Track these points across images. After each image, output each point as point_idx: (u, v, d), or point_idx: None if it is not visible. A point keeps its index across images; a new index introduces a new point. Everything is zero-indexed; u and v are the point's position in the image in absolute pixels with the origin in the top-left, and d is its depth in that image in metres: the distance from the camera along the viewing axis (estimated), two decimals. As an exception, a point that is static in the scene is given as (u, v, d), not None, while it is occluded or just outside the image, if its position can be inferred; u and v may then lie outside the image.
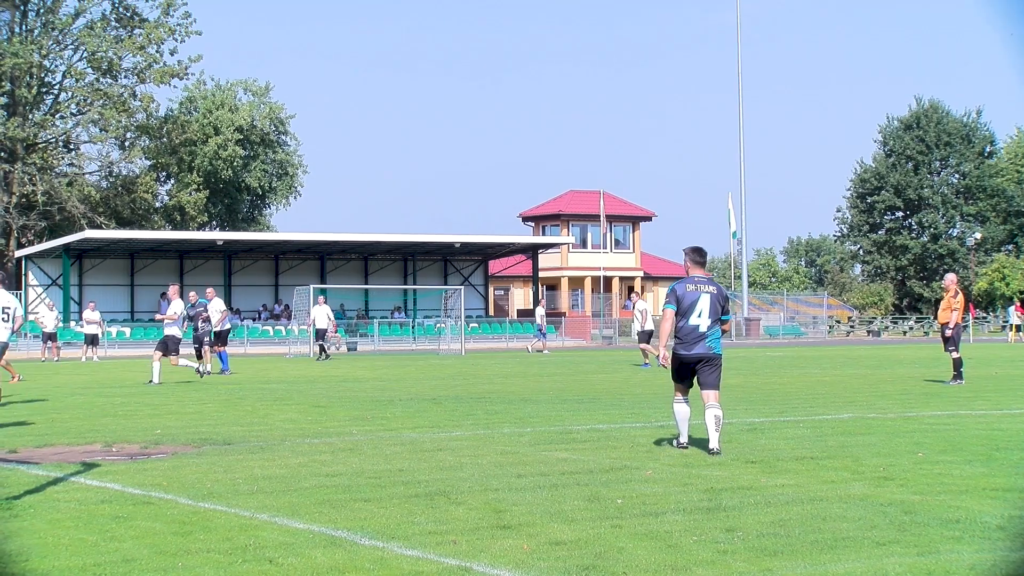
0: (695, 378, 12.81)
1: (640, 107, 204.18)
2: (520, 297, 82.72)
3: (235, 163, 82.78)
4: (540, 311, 51.05)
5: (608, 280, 79.98)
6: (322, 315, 41.54)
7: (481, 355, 47.16)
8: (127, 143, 73.58)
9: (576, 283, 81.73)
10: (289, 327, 56.34)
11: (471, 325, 62.31)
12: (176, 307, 26.19)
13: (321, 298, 42.80)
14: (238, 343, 57.23)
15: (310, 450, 12.92)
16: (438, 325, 58.70)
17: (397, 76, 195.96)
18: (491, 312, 72.95)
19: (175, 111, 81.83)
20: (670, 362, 12.88)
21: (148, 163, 76.62)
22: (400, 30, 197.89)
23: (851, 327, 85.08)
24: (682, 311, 12.64)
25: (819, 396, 20.76)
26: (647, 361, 33.69)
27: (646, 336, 34.84)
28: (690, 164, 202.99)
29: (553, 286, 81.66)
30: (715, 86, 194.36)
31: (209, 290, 33.33)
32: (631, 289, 73.65)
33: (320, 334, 41.60)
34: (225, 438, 14.17)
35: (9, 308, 17.93)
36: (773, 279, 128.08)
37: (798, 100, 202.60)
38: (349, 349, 55.21)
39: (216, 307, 32.37)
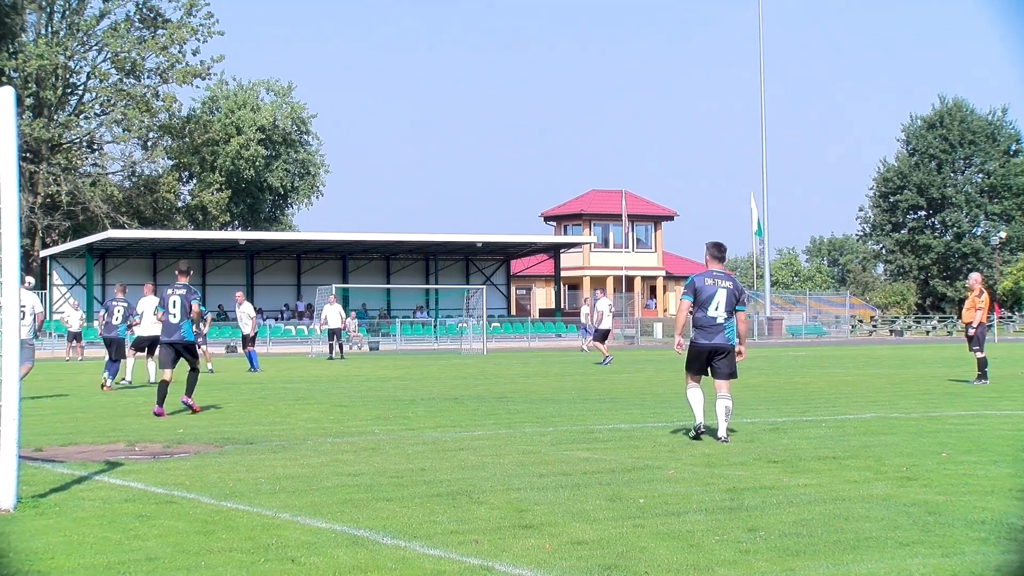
0: (708, 367, 13.54)
1: (662, 106, 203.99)
2: (542, 297, 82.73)
3: (257, 163, 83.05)
4: (586, 309, 50.87)
5: (630, 280, 79.91)
6: (334, 314, 41.59)
7: (503, 354, 47.15)
8: (150, 143, 73.91)
9: (598, 283, 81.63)
10: (312, 326, 56.46)
11: (493, 325, 62.30)
12: (146, 305, 25.47)
13: (331, 297, 42.79)
14: (260, 343, 57.39)
15: (332, 449, 12.95)
16: (460, 325, 58.74)
17: (419, 75, 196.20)
18: (513, 312, 72.96)
19: (197, 111, 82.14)
20: (685, 350, 13.61)
21: (170, 163, 76.96)
22: (422, 30, 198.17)
23: (873, 327, 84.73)
24: (699, 303, 13.45)
25: (841, 396, 20.68)
26: (609, 356, 35.32)
27: (602, 335, 36.00)
28: (712, 163, 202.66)
29: (575, 286, 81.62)
30: (737, 85, 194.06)
31: (238, 293, 33.61)
32: (644, 289, 73.61)
33: (333, 333, 41.62)
34: (247, 437, 14.21)
35: (25, 306, 17.88)
36: (795, 278, 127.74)
37: (820, 99, 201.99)
38: (371, 348, 55.30)
39: (247, 312, 32.62)
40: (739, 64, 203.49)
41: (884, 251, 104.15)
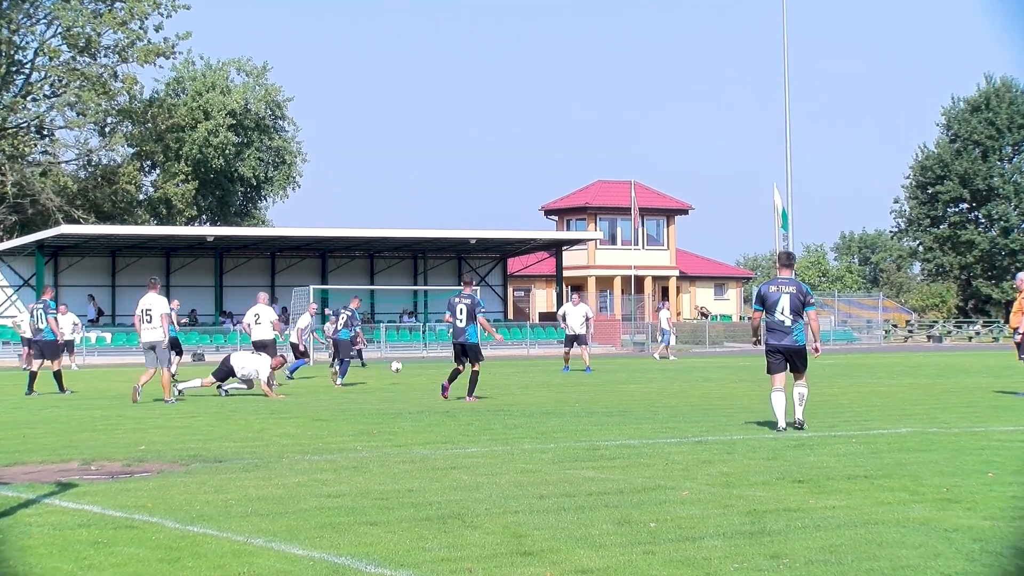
0: (787, 366, 16.52)
1: (675, 90, 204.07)
2: (542, 299, 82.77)
3: (227, 151, 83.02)
4: (665, 314, 51.37)
5: (640, 280, 79.91)
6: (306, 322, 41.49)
7: (499, 363, 47.15)
8: (107, 129, 73.87)
9: (605, 283, 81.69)
10: (287, 332, 56.47)
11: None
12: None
13: (313, 306, 42.70)
14: (229, 348, 57.40)
15: (310, 468, 12.94)
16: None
17: (406, 55, 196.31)
18: (510, 315, 72.96)
19: (161, 94, 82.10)
20: (759, 345, 17.42)
21: (131, 151, 76.89)
22: (407, 4, 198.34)
23: (910, 332, 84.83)
24: (767, 308, 16.62)
25: (874, 408, 20.69)
26: (567, 365, 36.91)
27: (571, 341, 37.39)
28: (731, 152, 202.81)
29: (579, 286, 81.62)
30: (758, 66, 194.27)
31: (261, 294, 33.82)
32: (661, 293, 73.63)
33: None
34: (216, 455, 14.20)
35: None
36: (823, 279, 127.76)
37: (850, 79, 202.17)
38: (353, 357, 55.27)
39: (268, 315, 32.96)
40: (760, 43, 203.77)
41: (921, 248, 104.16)
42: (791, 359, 16.52)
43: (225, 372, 26.42)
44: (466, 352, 23.47)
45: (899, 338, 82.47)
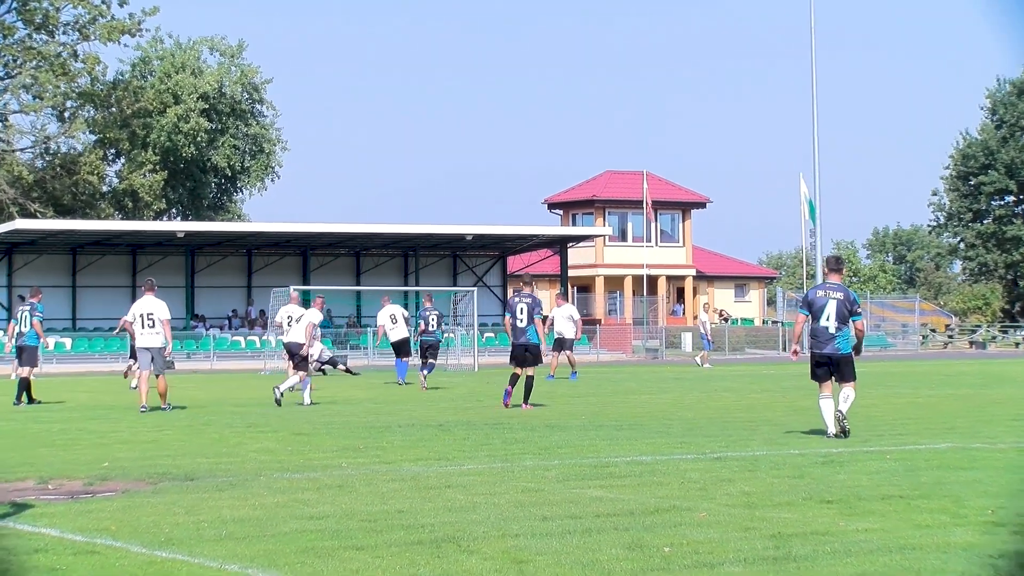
0: (832, 375, 17.69)
1: (690, 71, 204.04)
2: (546, 300, 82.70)
3: (199, 138, 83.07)
4: (704, 317, 51.66)
5: (653, 280, 79.92)
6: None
7: (498, 371, 47.13)
8: (67, 114, 73.84)
9: (614, 283, 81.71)
10: (265, 337, 56.45)
11: (486, 335, 62.27)
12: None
13: (319, 299, 42.68)
14: (202, 356, 57.46)
15: (290, 487, 12.94)
16: (446, 335, 58.70)
17: (396, 34, 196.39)
18: (510, 319, 72.94)
19: (126, 75, 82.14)
20: (797, 358, 18.87)
21: (93, 138, 76.88)
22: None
23: (949, 337, 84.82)
24: (812, 314, 17.69)
25: (910, 421, 20.69)
26: (552, 373, 37.62)
27: (561, 344, 38.41)
28: (752, 140, 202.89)
29: (585, 287, 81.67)
30: (782, 46, 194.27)
31: (293, 293, 34.31)
32: (685, 292, 73.57)
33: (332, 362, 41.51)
34: (187, 472, 14.20)
35: None
36: (854, 279, 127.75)
37: (883, 59, 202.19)
38: (335, 364, 55.25)
39: (313, 317, 33.88)
40: (783, 22, 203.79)
41: (963, 245, 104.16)
42: (835, 367, 17.65)
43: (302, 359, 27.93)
44: (529, 353, 24.63)
45: (938, 344, 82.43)
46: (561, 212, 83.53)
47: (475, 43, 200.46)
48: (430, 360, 34.49)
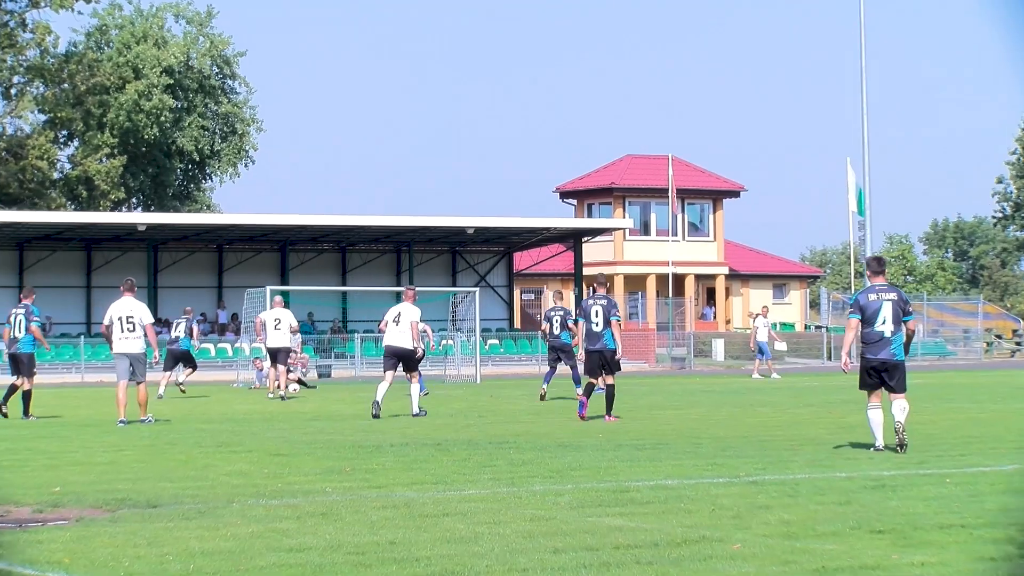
0: (883, 384, 18.59)
1: (721, 44, 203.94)
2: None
3: (163, 118, 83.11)
4: (762, 321, 51.64)
5: (679, 279, 79.91)
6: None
7: (504, 383, 47.17)
8: (13, 91, 73.89)
9: (635, 283, 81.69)
10: (238, 344, 56.47)
11: (490, 342, 62.26)
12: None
13: (278, 299, 42.77)
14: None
15: (267, 515, 12.95)
16: (444, 342, 58.72)
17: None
18: (517, 323, 72.98)
19: (80, 47, 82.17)
20: (850, 368, 19.11)
21: (43, 118, 76.91)
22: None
23: (1018, 344, 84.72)
24: (866, 319, 18.60)
25: (972, 440, 20.67)
26: (576, 390, 37.52)
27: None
28: (793, 122, 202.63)
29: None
30: (827, 17, 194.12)
31: (278, 298, 35.12)
32: (708, 292, 73.42)
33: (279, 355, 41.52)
34: (149, 498, 14.20)
35: None
36: (909, 278, 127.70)
37: (941, 30, 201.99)
38: (320, 375, 55.34)
39: (287, 318, 37.01)
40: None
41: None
42: (887, 376, 18.59)
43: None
44: (604, 361, 25.55)
45: (1004, 352, 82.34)
46: (575, 202, 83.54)
47: (474, 8, 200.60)
48: (560, 366, 34.58)
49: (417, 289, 31.71)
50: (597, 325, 25.62)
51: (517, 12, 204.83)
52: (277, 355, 36.77)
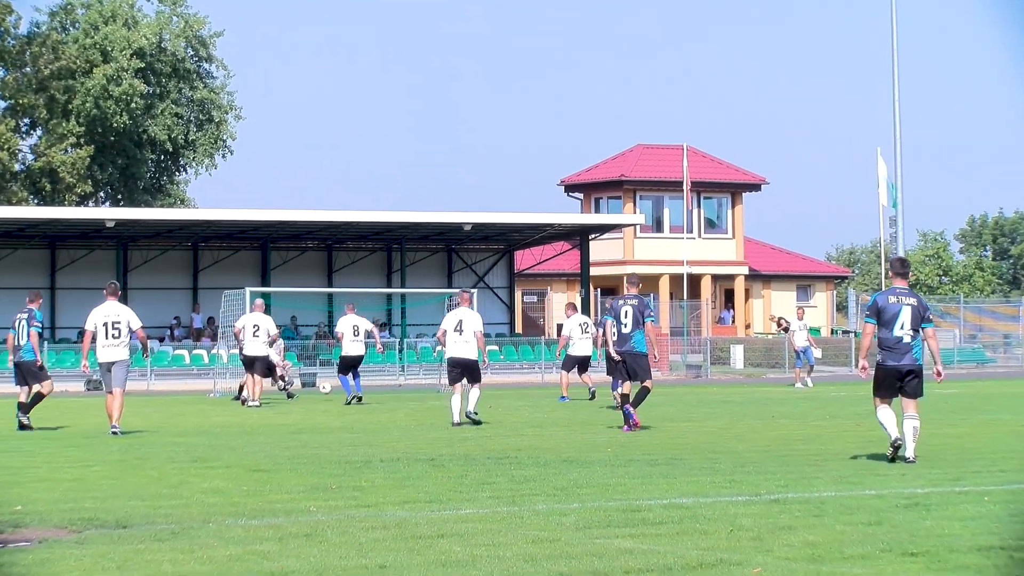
0: (901, 392, 19.30)
1: (738, 24, 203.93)
2: (562, 304, 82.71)
3: (133, 104, 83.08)
4: (798, 324, 51.87)
5: (695, 280, 79.94)
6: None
7: (504, 392, 47.16)
8: (-29, 75, 73.86)
9: (647, 284, 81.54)
10: (215, 351, 56.45)
11: (489, 347, 62.23)
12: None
13: (259, 302, 42.85)
14: (137, 374, 57.37)
15: (246, 536, 12.96)
16: (438, 348, 58.74)
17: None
18: (519, 328, 72.98)
19: (43, 27, 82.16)
20: (866, 375, 19.89)
21: (3, 105, 76.88)
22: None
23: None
24: (883, 322, 19.27)
25: (1013, 455, 20.69)
26: (565, 395, 39.56)
27: (574, 363, 40.07)
28: (818, 108, 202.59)
29: (611, 288, 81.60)
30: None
31: (258, 301, 35.94)
32: (727, 295, 73.36)
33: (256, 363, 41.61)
34: (119, 518, 14.21)
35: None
36: (945, 278, 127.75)
37: (977, 7, 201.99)
38: (304, 384, 55.33)
39: (266, 324, 38.68)
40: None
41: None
42: (909, 381, 19.30)
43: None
44: (631, 364, 26.24)
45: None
46: (581, 196, 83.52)
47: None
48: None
49: (410, 291, 31.91)
50: (626, 327, 26.35)
51: (531, 4, 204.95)
52: (254, 364, 37.72)
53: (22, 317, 29.25)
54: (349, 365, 41.10)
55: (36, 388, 28.74)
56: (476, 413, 28.84)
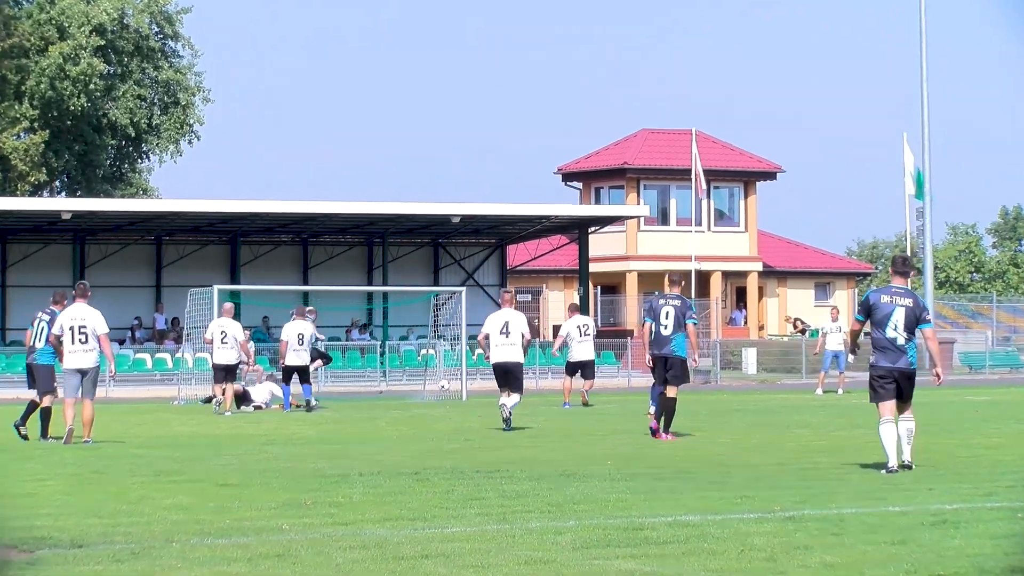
0: (899, 396, 19.74)
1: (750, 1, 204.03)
2: (558, 304, 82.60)
3: (92, 86, 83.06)
4: (834, 326, 52.01)
5: (705, 276, 79.97)
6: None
7: (494, 399, 47.11)
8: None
9: (651, 282, 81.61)
10: (179, 354, 56.46)
11: (478, 351, 62.16)
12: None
13: (228, 305, 42.91)
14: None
15: (212, 557, 12.95)
16: (424, 352, 58.74)
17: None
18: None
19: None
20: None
21: (-50, 86, 76.86)
22: None
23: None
24: (875, 322, 19.72)
25: (1052, 468, 20.70)
26: (568, 401, 40.42)
27: (574, 368, 40.99)
28: (838, 90, 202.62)
29: (613, 287, 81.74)
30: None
31: (227, 304, 36.48)
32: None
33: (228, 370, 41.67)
34: (74, 537, 14.20)
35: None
36: (976, 276, 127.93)
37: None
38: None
39: (233, 330, 39.56)
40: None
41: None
42: (903, 386, 19.88)
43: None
44: (668, 368, 26.73)
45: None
46: (580, 185, 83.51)
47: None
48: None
49: (393, 289, 32.23)
50: (666, 328, 26.69)
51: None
52: (225, 373, 38.66)
53: (43, 318, 29.13)
54: (291, 374, 41.13)
55: (46, 399, 28.65)
56: (509, 420, 29.81)
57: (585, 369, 40.82)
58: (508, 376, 30.06)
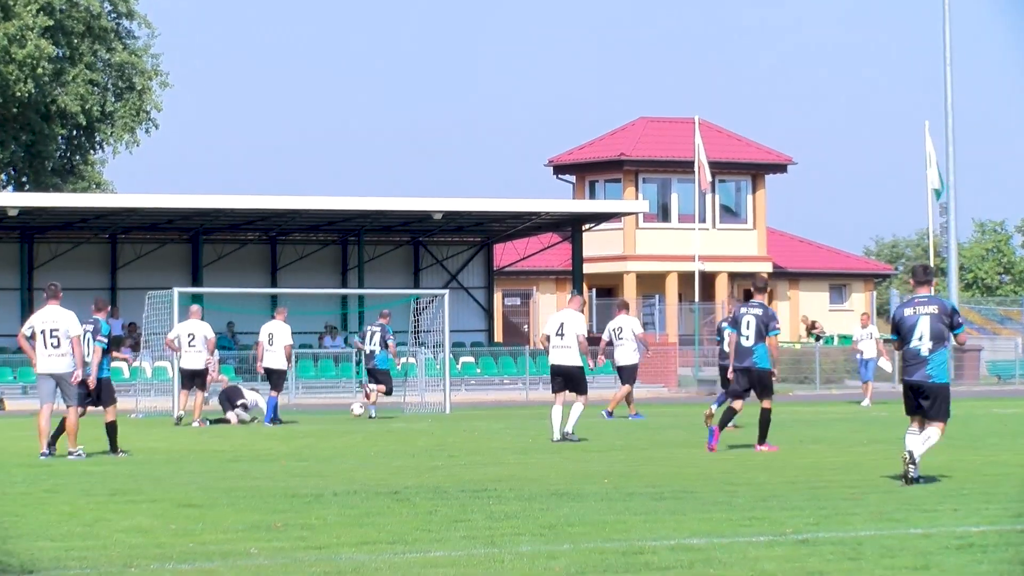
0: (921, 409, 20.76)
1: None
2: (550, 307, 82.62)
3: (40, 70, 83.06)
4: (865, 332, 52.22)
5: (709, 278, 79.99)
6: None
7: (481, 412, 47.21)
8: None
9: (651, 284, 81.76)
10: (136, 363, 56.46)
11: (463, 359, 62.24)
12: None
13: (196, 308, 42.99)
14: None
15: (175, 583, 12.98)
16: (404, 359, 58.76)
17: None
18: (498, 335, 73.00)
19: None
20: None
21: None
22: None
23: None
24: (902, 336, 20.84)
25: (1087, 487, 20.78)
26: (610, 410, 40.63)
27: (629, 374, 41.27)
28: (854, 77, 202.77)
29: (610, 289, 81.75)
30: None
31: (194, 307, 36.83)
32: (747, 292, 73.56)
33: (194, 376, 41.75)
34: (23, 561, 14.24)
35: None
36: (1005, 277, 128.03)
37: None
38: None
39: (202, 332, 40.30)
40: None
41: None
42: (923, 399, 20.75)
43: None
44: (751, 381, 27.66)
45: None
46: (573, 178, 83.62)
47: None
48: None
49: (370, 292, 32.42)
50: (748, 339, 27.48)
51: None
52: (193, 379, 39.35)
53: (87, 329, 29.44)
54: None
55: (109, 411, 29.34)
56: (574, 434, 30.23)
57: (619, 374, 41.60)
58: (565, 380, 30.49)
